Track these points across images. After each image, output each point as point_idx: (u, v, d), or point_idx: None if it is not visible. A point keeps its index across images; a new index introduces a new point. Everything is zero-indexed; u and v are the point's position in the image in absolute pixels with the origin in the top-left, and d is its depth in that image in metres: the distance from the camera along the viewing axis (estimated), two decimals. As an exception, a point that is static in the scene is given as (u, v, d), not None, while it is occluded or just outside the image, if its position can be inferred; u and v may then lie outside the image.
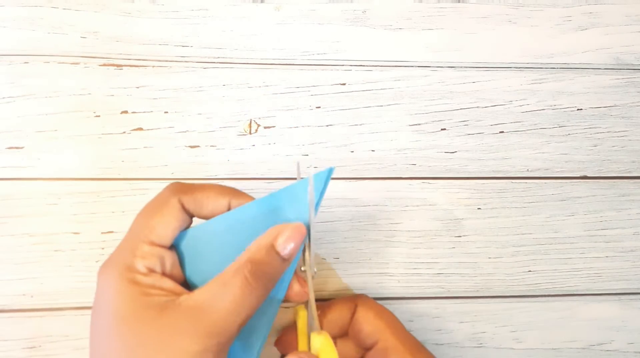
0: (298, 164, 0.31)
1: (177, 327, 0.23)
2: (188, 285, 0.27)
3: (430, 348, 0.35)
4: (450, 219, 0.36)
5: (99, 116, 0.35)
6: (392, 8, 0.37)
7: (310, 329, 0.28)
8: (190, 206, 0.27)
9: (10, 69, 0.35)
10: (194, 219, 0.28)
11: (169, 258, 0.27)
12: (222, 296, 0.24)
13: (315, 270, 0.28)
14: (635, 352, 0.37)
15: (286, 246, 0.26)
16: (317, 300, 0.35)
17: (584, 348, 0.37)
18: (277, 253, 0.26)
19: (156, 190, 0.35)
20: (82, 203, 0.34)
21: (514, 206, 0.37)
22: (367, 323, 0.31)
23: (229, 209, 0.28)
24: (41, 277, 0.34)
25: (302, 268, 0.28)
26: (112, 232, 0.34)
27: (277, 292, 0.27)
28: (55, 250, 0.34)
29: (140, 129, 0.35)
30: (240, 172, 0.35)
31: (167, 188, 0.28)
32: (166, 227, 0.26)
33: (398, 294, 0.36)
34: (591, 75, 0.38)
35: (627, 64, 0.38)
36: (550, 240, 0.37)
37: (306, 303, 0.30)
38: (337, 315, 0.31)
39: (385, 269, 0.36)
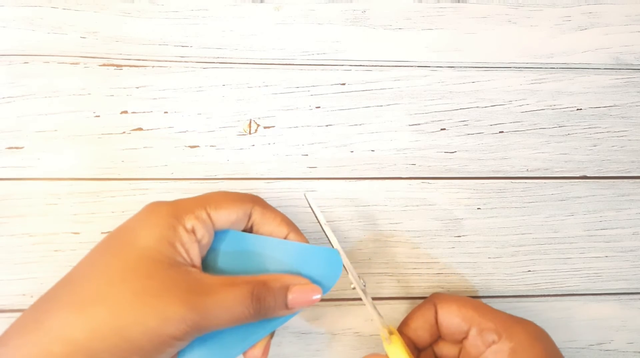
0: (305, 195, 0.31)
1: (172, 286, 0.25)
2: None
3: (430, 348, 0.36)
4: (450, 219, 0.36)
5: (98, 116, 0.35)
6: (392, 8, 0.37)
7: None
8: (257, 218, 0.29)
9: (10, 69, 0.35)
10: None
11: (209, 237, 0.28)
12: (223, 291, 0.25)
13: (364, 283, 0.31)
14: (634, 352, 0.37)
15: (296, 297, 0.27)
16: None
17: (583, 348, 0.37)
18: (285, 296, 0.27)
19: (156, 190, 0.35)
20: (82, 203, 0.34)
21: (514, 206, 0.37)
22: (454, 316, 0.31)
23: (285, 237, 0.30)
24: (41, 277, 0.34)
25: (352, 287, 0.30)
26: (112, 232, 0.34)
27: (263, 327, 0.28)
28: (55, 250, 0.34)
29: (140, 129, 0.35)
30: (240, 172, 0.35)
31: (249, 195, 0.30)
32: (227, 216, 0.28)
33: (398, 294, 0.36)
34: (591, 75, 0.38)
35: (627, 64, 0.38)
36: (550, 239, 0.37)
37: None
38: (421, 321, 0.32)
39: (385, 269, 0.36)
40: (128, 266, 0.25)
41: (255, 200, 0.29)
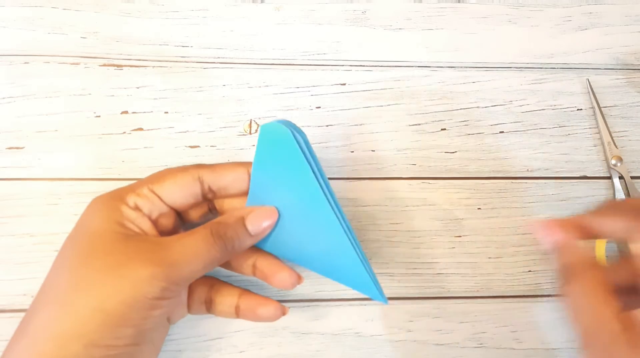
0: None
1: (134, 253, 0.25)
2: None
3: (430, 348, 0.35)
4: (450, 219, 0.36)
5: (99, 116, 0.35)
6: (392, 8, 0.37)
7: None
8: (209, 178, 0.29)
9: (10, 69, 0.35)
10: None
11: (161, 209, 0.28)
12: (184, 240, 0.26)
13: None
14: (635, 352, 0.37)
15: (254, 224, 0.28)
16: (316, 300, 0.35)
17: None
18: (244, 226, 0.28)
19: (156, 190, 0.35)
20: (82, 203, 0.34)
21: (514, 206, 0.37)
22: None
23: (249, 177, 0.29)
24: (41, 277, 0.33)
25: None
26: (112, 232, 0.34)
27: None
28: (56, 250, 0.33)
29: (140, 129, 0.35)
30: (240, 172, 0.35)
31: (193, 164, 0.30)
32: (173, 186, 0.28)
33: (398, 294, 0.36)
34: (591, 75, 0.38)
35: (627, 64, 0.38)
36: (550, 239, 0.37)
37: None
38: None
39: (385, 269, 0.36)
40: (89, 252, 0.26)
41: (199, 165, 0.29)
